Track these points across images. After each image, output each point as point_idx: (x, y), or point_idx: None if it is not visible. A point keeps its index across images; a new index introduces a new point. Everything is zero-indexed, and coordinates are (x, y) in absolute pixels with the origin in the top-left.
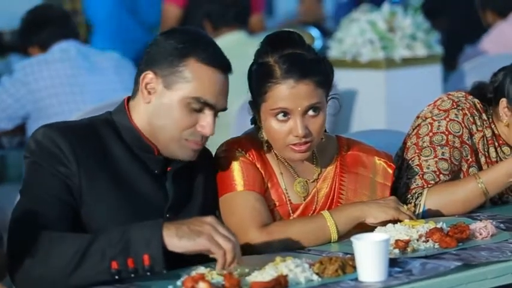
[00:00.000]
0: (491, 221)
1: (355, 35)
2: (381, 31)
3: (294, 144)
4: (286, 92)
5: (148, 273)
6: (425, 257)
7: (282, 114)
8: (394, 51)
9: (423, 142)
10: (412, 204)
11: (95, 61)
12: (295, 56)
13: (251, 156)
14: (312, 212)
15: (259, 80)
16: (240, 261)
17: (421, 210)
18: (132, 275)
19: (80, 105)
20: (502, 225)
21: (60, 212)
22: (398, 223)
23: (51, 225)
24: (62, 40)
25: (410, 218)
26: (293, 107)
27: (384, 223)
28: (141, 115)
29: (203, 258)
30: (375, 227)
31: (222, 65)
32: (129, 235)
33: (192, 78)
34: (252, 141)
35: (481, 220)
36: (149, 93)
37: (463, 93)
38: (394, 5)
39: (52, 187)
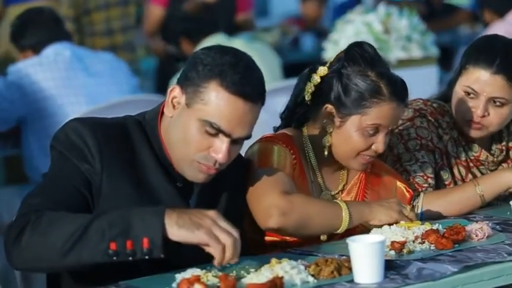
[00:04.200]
0: (487, 222)
1: (350, 37)
2: (376, 32)
3: (365, 157)
4: (389, 112)
5: (146, 257)
6: (421, 259)
7: (375, 130)
8: (389, 52)
9: (398, 150)
10: (411, 205)
11: (89, 63)
12: (394, 78)
13: (293, 154)
14: None
15: (359, 95)
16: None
17: (418, 212)
18: (130, 258)
19: (75, 108)
20: (497, 226)
21: (74, 201)
22: (394, 225)
23: (60, 208)
24: (55, 42)
25: (412, 221)
26: (388, 125)
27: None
28: (164, 126)
29: (199, 261)
30: (371, 229)
31: (247, 94)
32: (131, 218)
33: (210, 102)
34: (295, 143)
35: (477, 221)
36: (174, 107)
37: (421, 101)
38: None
39: (72, 177)
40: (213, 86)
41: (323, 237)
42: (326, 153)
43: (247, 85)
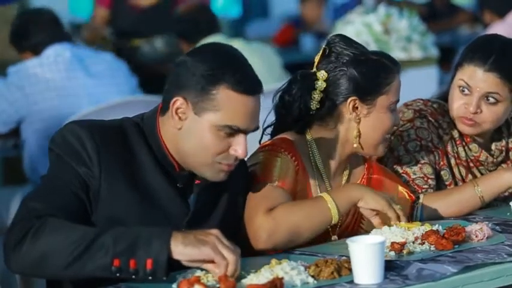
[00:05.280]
0: (487, 223)
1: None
2: (376, 33)
3: (387, 138)
4: (399, 83)
5: (149, 278)
6: (421, 259)
7: (394, 105)
8: (389, 53)
9: (398, 152)
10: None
11: (89, 64)
12: (382, 51)
13: (296, 161)
14: (338, 225)
15: (377, 76)
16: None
17: (418, 213)
18: (133, 276)
19: (75, 109)
20: (497, 227)
21: (74, 207)
22: (394, 225)
23: (62, 214)
24: (55, 43)
25: (398, 218)
26: (399, 96)
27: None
28: (169, 135)
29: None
30: (370, 230)
31: (253, 88)
32: (137, 236)
33: (223, 107)
34: (297, 147)
35: (476, 222)
36: (180, 118)
37: (421, 101)
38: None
39: (70, 182)
40: (222, 90)
41: (334, 238)
42: (356, 144)
43: (250, 80)
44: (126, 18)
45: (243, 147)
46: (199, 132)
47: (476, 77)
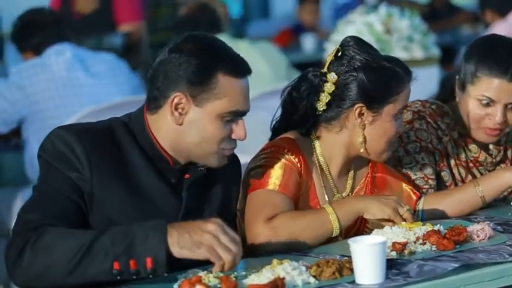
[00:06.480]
0: (488, 223)
1: None
2: (377, 33)
3: (394, 145)
4: (409, 91)
5: (150, 276)
6: (423, 259)
7: (401, 113)
8: (390, 53)
9: (398, 153)
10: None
11: (90, 64)
12: (395, 57)
13: (298, 162)
14: None
15: (387, 85)
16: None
17: (419, 213)
18: (134, 277)
19: (76, 108)
20: (499, 227)
21: (70, 213)
22: (396, 225)
23: (58, 222)
24: (56, 43)
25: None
26: (406, 104)
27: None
28: (166, 132)
29: (201, 262)
30: (372, 230)
31: (245, 71)
32: (133, 236)
33: (225, 94)
34: (300, 147)
35: (478, 222)
36: (180, 114)
37: (419, 102)
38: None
39: (64, 188)
40: (221, 77)
41: (339, 238)
42: (362, 150)
43: (241, 63)
44: (69, 25)
45: (243, 129)
46: (203, 123)
47: (499, 89)
